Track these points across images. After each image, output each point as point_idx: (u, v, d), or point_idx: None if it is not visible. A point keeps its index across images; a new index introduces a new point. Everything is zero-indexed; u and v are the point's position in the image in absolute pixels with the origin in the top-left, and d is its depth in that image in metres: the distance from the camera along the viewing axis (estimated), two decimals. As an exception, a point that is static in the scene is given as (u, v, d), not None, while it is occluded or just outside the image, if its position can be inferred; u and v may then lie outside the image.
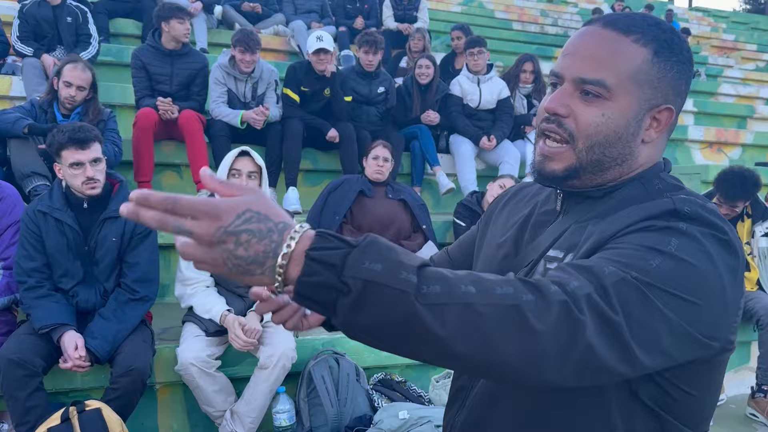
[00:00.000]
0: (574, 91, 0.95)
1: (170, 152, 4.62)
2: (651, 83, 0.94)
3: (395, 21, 7.57)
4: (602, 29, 0.95)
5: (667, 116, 0.96)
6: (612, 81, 0.92)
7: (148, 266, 2.78)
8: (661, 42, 0.94)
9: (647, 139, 0.97)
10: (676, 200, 0.89)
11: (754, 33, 16.71)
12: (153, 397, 2.94)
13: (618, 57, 0.93)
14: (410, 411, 2.69)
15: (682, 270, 0.81)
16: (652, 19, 0.98)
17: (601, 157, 0.95)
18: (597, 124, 0.94)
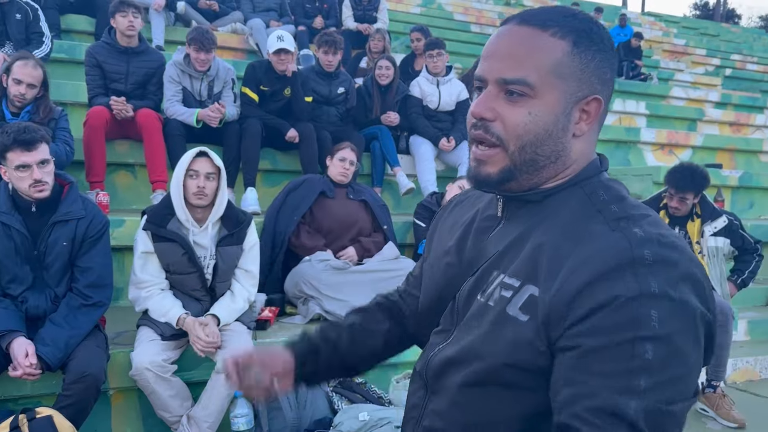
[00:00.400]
0: (498, 93, 0.92)
1: (124, 151, 4.51)
2: (574, 75, 0.91)
3: (355, 21, 7.56)
4: (518, 27, 0.93)
5: (595, 107, 0.94)
6: (534, 78, 0.90)
7: (101, 270, 2.70)
8: (580, 32, 0.92)
9: (578, 133, 0.94)
10: (633, 242, 0.84)
11: (704, 38, 17.27)
12: (107, 403, 2.86)
13: (537, 53, 0.90)
14: (370, 412, 2.68)
15: (672, 353, 0.79)
16: (569, 10, 0.95)
17: (534, 156, 0.93)
18: (525, 123, 0.91)
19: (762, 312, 4.85)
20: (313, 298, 3.42)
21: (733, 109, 9.84)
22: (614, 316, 0.80)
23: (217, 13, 7.25)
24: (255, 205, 4.34)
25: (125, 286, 3.49)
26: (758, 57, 15.40)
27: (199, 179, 2.87)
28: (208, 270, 2.95)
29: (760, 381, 4.13)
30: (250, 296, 3.06)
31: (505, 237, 0.98)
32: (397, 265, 3.64)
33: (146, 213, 2.94)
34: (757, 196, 6.72)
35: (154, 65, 4.47)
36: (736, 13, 45.32)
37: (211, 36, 4.40)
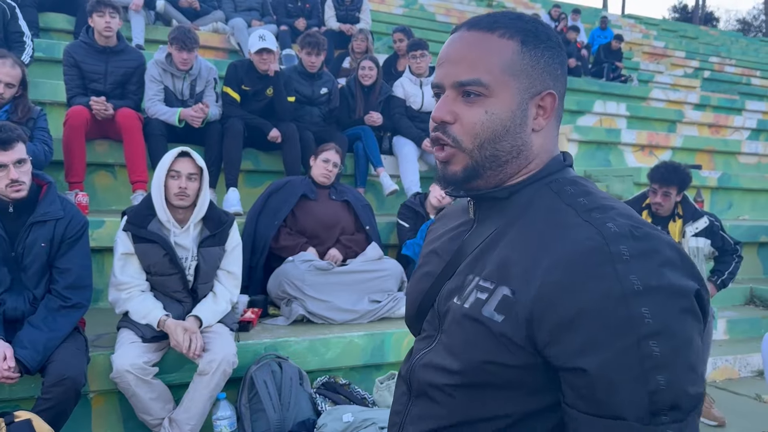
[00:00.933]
0: (456, 96, 0.96)
1: (103, 152, 4.45)
2: (525, 72, 0.95)
3: (337, 21, 7.54)
4: (468, 32, 0.97)
5: (550, 102, 0.97)
6: (487, 78, 0.94)
7: (80, 272, 2.66)
8: (526, 32, 0.96)
9: (537, 128, 0.97)
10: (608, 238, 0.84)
11: (683, 41, 17.49)
12: (87, 406, 2.82)
13: (488, 54, 0.94)
14: (354, 414, 2.67)
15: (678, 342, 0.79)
16: (513, 13, 1.00)
17: (494, 152, 0.96)
18: (482, 122, 0.94)
19: (741, 311, 4.91)
20: (296, 299, 3.40)
21: (711, 110, 9.97)
22: (606, 323, 0.79)
23: (198, 12, 7.19)
24: (237, 206, 4.30)
25: (105, 288, 3.45)
26: (736, 59, 15.64)
27: (181, 180, 2.84)
28: (189, 271, 2.92)
29: (739, 379, 4.19)
30: (232, 297, 3.03)
31: (478, 238, 1.00)
32: (381, 266, 3.64)
33: (126, 214, 2.90)
34: (735, 196, 6.82)
35: (134, 64, 4.42)
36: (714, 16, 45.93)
37: (193, 35, 4.35)
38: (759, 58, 16.83)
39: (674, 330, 0.79)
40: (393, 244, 4.34)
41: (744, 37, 23.00)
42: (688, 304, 0.80)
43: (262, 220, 3.75)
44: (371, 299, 3.51)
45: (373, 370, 3.34)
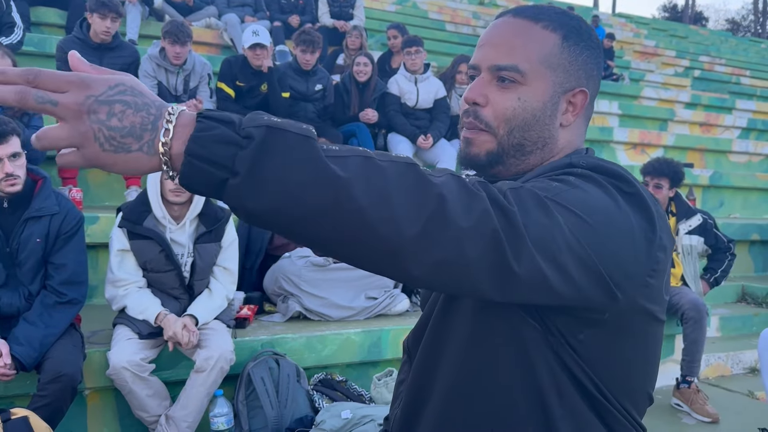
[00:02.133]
0: (491, 79, 0.96)
1: (98, 147, 4.42)
2: (563, 67, 0.96)
3: (331, 18, 7.52)
4: (513, 18, 0.98)
5: (581, 99, 0.98)
6: (525, 66, 0.94)
7: (75, 267, 2.63)
8: (570, 27, 0.97)
9: (565, 123, 0.98)
10: (572, 156, 0.92)
11: (673, 39, 17.57)
12: (82, 403, 2.80)
13: (529, 42, 0.95)
14: (353, 410, 2.66)
15: (581, 195, 0.81)
16: (559, 8, 1.00)
17: (521, 141, 0.96)
18: (514, 108, 0.95)
19: (733, 308, 4.95)
20: (292, 296, 3.39)
21: (702, 109, 10.02)
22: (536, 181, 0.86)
23: (191, 7, 7.15)
24: (232, 202, 4.28)
25: (100, 284, 3.42)
26: (726, 59, 15.72)
27: (176, 175, 2.81)
28: (185, 268, 2.90)
29: (731, 376, 4.22)
30: (228, 294, 3.02)
31: None
32: (378, 263, 3.63)
33: (122, 210, 2.88)
34: (726, 195, 6.87)
35: (128, 60, 4.39)
36: (703, 16, 46.21)
37: (186, 29, 4.33)
38: (748, 58, 16.95)
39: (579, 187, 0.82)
40: (388, 241, 4.33)
41: (733, 37, 23.15)
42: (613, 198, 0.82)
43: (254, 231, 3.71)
44: (368, 296, 3.51)
45: (370, 367, 3.34)
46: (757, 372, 4.24)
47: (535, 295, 0.77)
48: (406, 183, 0.70)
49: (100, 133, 0.66)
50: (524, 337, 0.88)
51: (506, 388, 0.91)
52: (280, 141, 0.67)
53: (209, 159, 0.66)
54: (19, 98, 0.65)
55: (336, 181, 0.67)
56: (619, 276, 0.80)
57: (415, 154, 5.27)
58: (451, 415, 0.96)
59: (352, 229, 0.68)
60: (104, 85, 0.67)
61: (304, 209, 0.67)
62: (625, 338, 0.90)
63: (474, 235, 0.71)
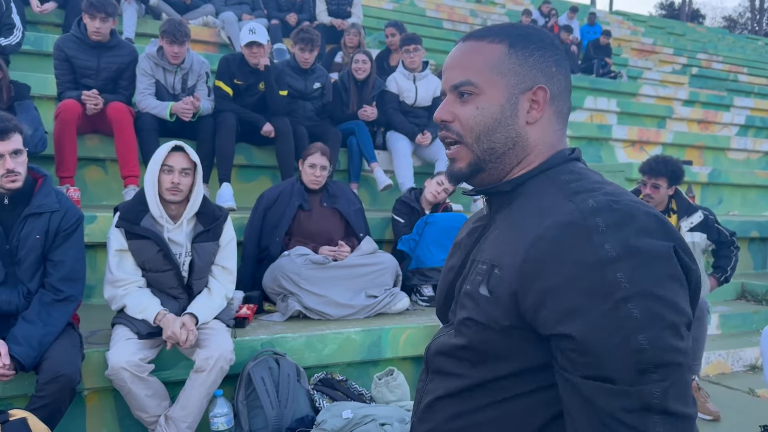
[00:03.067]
0: (454, 98, 1.08)
1: (94, 146, 4.40)
2: (513, 70, 1.04)
3: (329, 16, 7.50)
4: (463, 43, 1.10)
5: (542, 95, 1.05)
6: (476, 78, 1.05)
7: (73, 264, 2.61)
8: (515, 36, 1.06)
9: (531, 120, 1.05)
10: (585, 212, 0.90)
11: (670, 37, 17.58)
12: (81, 404, 2.78)
13: (477, 57, 1.06)
14: (354, 410, 2.65)
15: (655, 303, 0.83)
16: (508, 23, 1.11)
17: (491, 145, 1.05)
18: (474, 116, 1.05)
19: (733, 306, 4.94)
20: (292, 294, 3.37)
21: (700, 107, 10.03)
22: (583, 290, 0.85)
23: (189, 5, 7.13)
24: (230, 201, 4.26)
25: (98, 284, 3.41)
26: (723, 56, 15.74)
27: (174, 175, 2.80)
28: (184, 267, 2.88)
29: (732, 374, 4.21)
30: (228, 293, 3.00)
31: (491, 230, 1.08)
32: (377, 260, 3.61)
33: (119, 210, 2.86)
34: (725, 192, 6.86)
35: (126, 59, 4.36)
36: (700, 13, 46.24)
37: (184, 28, 4.30)
38: (746, 55, 16.96)
39: (651, 291, 0.83)
40: (388, 239, 4.32)
41: (730, 34, 23.16)
42: (663, 265, 0.85)
43: (264, 238, 3.68)
44: (368, 294, 3.49)
45: (371, 366, 3.33)
46: (758, 369, 4.24)
47: None
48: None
49: None
50: None
51: None
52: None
53: None
54: None
55: None
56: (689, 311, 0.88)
57: (414, 151, 5.25)
58: None
59: None
60: None
61: None
62: None
63: None
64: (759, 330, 4.64)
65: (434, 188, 4.17)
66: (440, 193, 4.18)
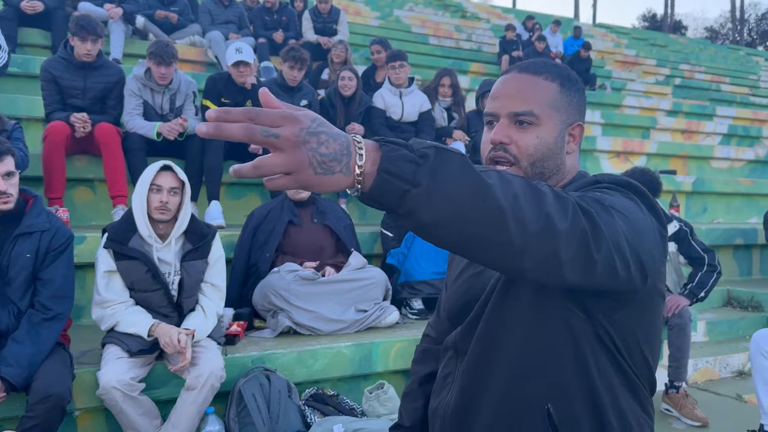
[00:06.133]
0: (510, 124, 1.19)
1: (83, 167, 4.41)
2: (564, 108, 1.21)
3: (315, 34, 7.57)
4: (519, 74, 1.22)
5: (579, 131, 1.25)
6: (538, 110, 1.18)
7: (62, 282, 2.63)
8: (563, 77, 1.23)
9: (569, 151, 1.24)
10: (596, 175, 1.18)
11: (653, 49, 17.81)
12: (72, 424, 2.78)
13: (537, 92, 1.20)
14: (345, 424, 2.67)
15: (619, 201, 1.02)
16: (551, 62, 1.27)
17: (542, 170, 1.20)
18: (534, 145, 1.18)
19: (719, 313, 5.00)
20: (282, 311, 3.39)
21: (684, 117, 10.16)
22: None
23: (175, 25, 7.17)
24: (220, 219, 4.28)
25: (88, 304, 3.40)
26: (705, 66, 15.97)
27: (163, 194, 2.82)
28: (173, 286, 2.90)
29: (719, 380, 4.26)
30: (218, 310, 3.02)
31: None
32: (367, 275, 3.64)
33: (107, 231, 2.88)
34: (710, 200, 6.96)
35: (113, 79, 4.39)
36: (682, 25, 46.88)
37: (171, 49, 4.34)
38: (727, 65, 17.22)
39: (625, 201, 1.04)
40: (377, 253, 4.35)
41: (712, 45, 23.51)
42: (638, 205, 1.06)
43: (254, 255, 3.70)
44: (358, 308, 3.51)
45: (361, 380, 3.34)
46: (745, 375, 4.29)
47: (604, 280, 0.95)
48: (527, 190, 0.89)
49: (314, 159, 0.79)
50: (571, 324, 1.10)
51: (559, 368, 1.11)
52: (446, 158, 0.85)
53: (397, 174, 0.82)
54: (247, 134, 0.78)
55: (486, 188, 0.85)
56: (649, 263, 1.01)
57: (402, 166, 5.29)
58: (513, 395, 1.15)
59: (491, 227, 0.85)
60: (309, 119, 0.80)
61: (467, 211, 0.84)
62: (646, 314, 1.13)
63: (572, 234, 0.90)
64: (746, 336, 4.69)
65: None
66: (428, 206, 4.22)
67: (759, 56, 21.58)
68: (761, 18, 45.71)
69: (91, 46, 4.18)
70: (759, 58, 20.98)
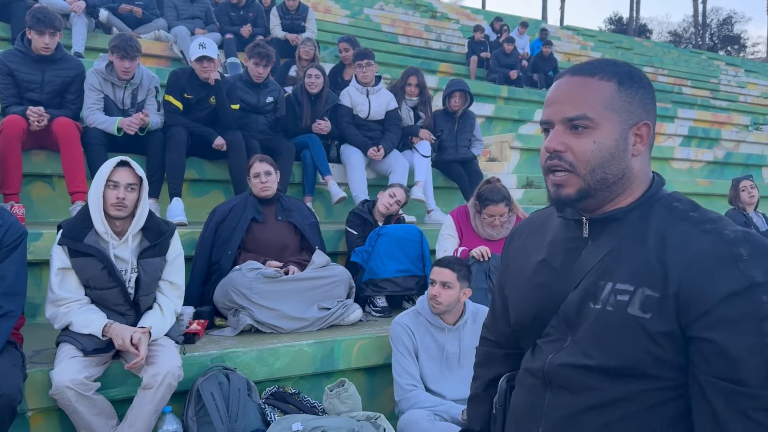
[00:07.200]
0: (564, 130, 1.13)
1: (41, 162, 4.31)
2: (624, 107, 1.13)
3: (283, 30, 7.52)
4: (571, 77, 1.16)
5: (646, 130, 1.15)
6: (593, 113, 1.11)
7: (14, 279, 2.55)
8: (622, 74, 1.14)
9: (636, 153, 1.15)
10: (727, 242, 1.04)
11: (618, 51, 18.10)
12: (25, 425, 2.71)
13: (591, 93, 1.12)
14: (304, 422, 2.65)
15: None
16: (610, 60, 1.18)
17: (604, 176, 1.13)
18: (592, 150, 1.12)
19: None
20: (243, 309, 3.36)
21: (646, 118, 10.33)
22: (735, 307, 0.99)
23: (140, 19, 7.06)
24: (181, 216, 4.23)
25: (43, 302, 3.32)
26: (668, 69, 16.28)
27: (119, 190, 2.77)
28: (130, 284, 2.85)
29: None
30: (176, 308, 2.97)
31: (598, 252, 1.16)
32: (330, 272, 3.62)
33: (62, 227, 2.82)
34: (670, 200, 7.07)
35: (72, 73, 4.29)
36: (647, 28, 47.76)
37: (135, 43, 4.26)
38: (689, 68, 17.59)
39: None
40: (342, 251, 4.34)
41: (675, 48, 23.99)
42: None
43: (216, 252, 3.66)
44: (320, 306, 3.49)
45: (324, 378, 3.33)
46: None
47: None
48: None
49: None
50: None
51: None
52: None
53: None
54: None
55: None
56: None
57: (368, 164, 5.29)
58: None
59: None
60: None
61: None
62: None
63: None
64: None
65: (386, 200, 4.22)
66: (393, 205, 4.23)
67: (720, 60, 22.11)
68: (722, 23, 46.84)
69: (48, 39, 4.09)
70: (720, 62, 21.49)
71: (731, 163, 8.71)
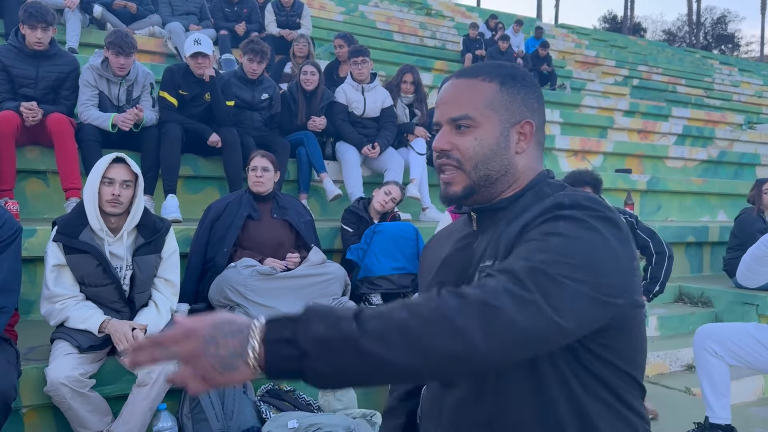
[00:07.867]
0: (451, 129, 1.19)
1: (35, 158, 4.30)
2: (505, 107, 1.18)
3: (278, 27, 7.50)
4: (457, 79, 1.22)
5: (529, 129, 1.20)
6: (474, 113, 1.17)
7: (8, 275, 2.54)
8: (504, 75, 1.20)
9: (519, 150, 1.20)
10: (558, 196, 1.12)
11: (613, 50, 18.15)
12: (19, 422, 2.70)
13: (474, 94, 1.18)
14: (299, 419, 2.66)
15: (571, 243, 1.00)
16: (495, 62, 1.25)
17: (487, 172, 1.18)
18: (474, 147, 1.17)
19: (670, 308, 5.13)
20: (239, 306, 3.36)
21: (640, 117, 10.38)
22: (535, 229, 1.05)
23: (135, 15, 7.02)
24: (176, 213, 4.22)
25: (37, 299, 3.31)
26: (662, 68, 16.35)
27: (114, 187, 2.76)
28: (125, 281, 2.85)
29: (670, 374, 4.37)
30: (172, 306, 2.97)
31: (483, 242, 1.20)
32: (325, 270, 3.62)
33: (57, 224, 2.81)
34: (663, 199, 7.13)
35: (67, 69, 4.28)
36: (641, 27, 47.91)
37: (130, 40, 4.25)
38: (684, 67, 17.66)
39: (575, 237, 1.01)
40: (337, 249, 4.34)
41: (669, 47, 24.07)
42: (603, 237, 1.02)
43: (210, 250, 3.64)
44: (315, 304, 3.49)
45: (318, 376, 3.33)
46: (694, 369, 4.40)
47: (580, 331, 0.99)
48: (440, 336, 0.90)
49: (216, 362, 0.88)
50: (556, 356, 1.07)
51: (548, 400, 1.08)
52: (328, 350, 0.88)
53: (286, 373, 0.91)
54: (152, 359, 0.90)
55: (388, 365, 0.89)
56: (616, 290, 1.01)
57: (363, 161, 5.29)
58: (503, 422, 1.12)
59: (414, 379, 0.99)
60: (207, 328, 0.89)
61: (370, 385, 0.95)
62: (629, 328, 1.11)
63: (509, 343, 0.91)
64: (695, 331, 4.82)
65: (382, 198, 4.22)
66: (388, 202, 4.23)
67: (714, 59, 22.20)
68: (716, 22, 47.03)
69: (41, 34, 4.07)
70: (714, 60, 21.58)
71: (725, 162, 8.77)
